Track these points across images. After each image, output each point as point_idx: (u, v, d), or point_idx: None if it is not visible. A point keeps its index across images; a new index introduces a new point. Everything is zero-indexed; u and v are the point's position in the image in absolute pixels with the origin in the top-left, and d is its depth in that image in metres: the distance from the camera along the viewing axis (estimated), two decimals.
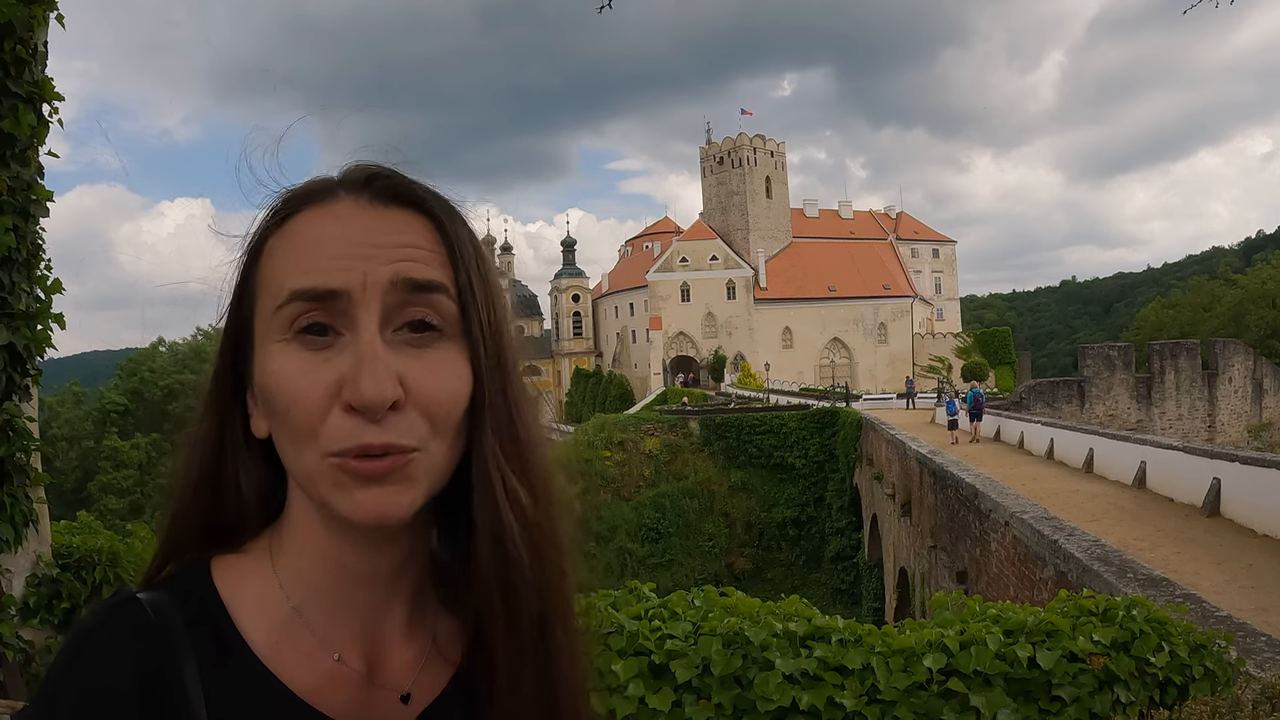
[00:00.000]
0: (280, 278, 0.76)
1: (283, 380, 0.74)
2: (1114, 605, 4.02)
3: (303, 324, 0.74)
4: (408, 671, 0.83)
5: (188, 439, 0.84)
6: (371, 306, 0.74)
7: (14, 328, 3.84)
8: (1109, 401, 37.78)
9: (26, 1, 3.85)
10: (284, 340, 0.75)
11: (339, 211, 0.78)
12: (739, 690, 3.51)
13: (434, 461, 0.76)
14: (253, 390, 0.80)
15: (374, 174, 0.80)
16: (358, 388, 0.71)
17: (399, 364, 0.74)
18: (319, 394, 0.72)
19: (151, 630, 0.73)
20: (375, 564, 0.80)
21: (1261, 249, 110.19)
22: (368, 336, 0.73)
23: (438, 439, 0.75)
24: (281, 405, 0.74)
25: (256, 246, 0.80)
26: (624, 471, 38.72)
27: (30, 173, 3.94)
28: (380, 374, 0.71)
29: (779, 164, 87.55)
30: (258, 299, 0.78)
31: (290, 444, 0.75)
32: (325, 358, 0.73)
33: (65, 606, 4.10)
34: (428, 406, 0.74)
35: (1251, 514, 12.42)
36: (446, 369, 0.76)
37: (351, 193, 0.79)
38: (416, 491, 0.75)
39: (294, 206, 0.79)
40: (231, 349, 0.81)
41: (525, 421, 0.82)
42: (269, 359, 0.75)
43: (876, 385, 71.66)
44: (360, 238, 0.76)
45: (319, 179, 0.82)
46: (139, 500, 56.37)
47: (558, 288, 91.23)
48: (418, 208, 0.80)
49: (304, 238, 0.77)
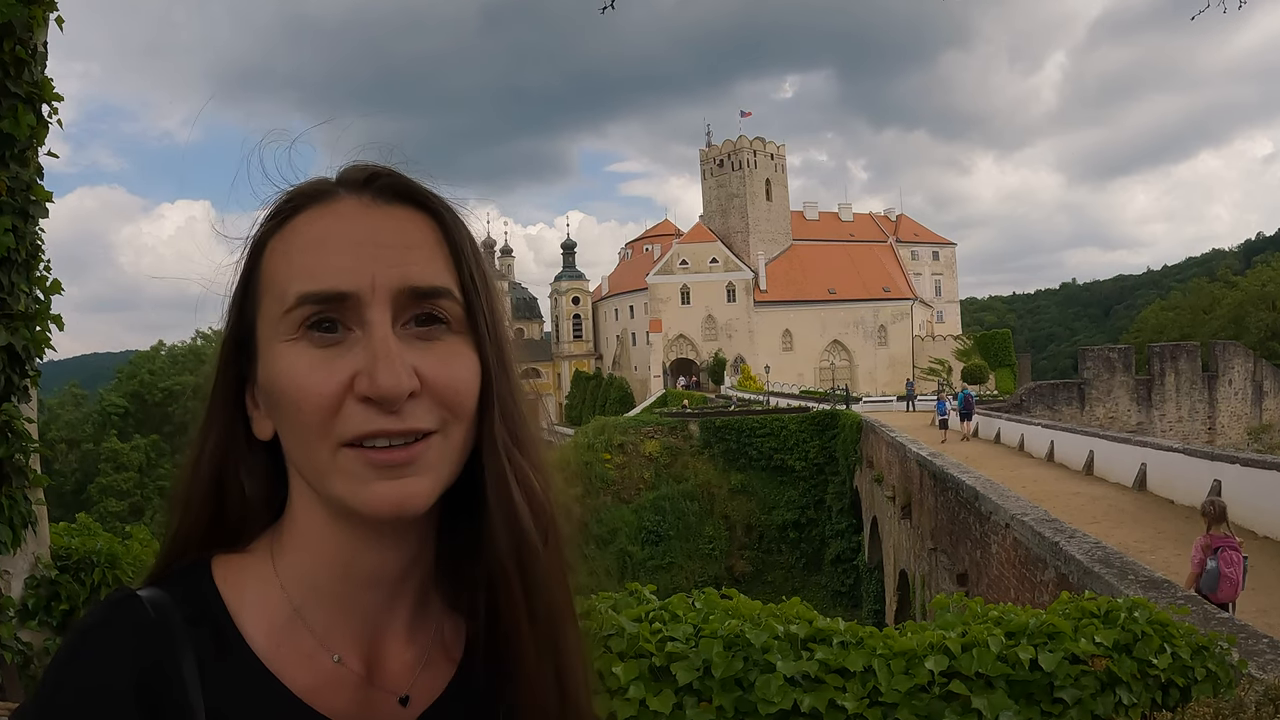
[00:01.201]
0: (285, 280, 0.76)
1: (293, 377, 0.73)
2: (1116, 607, 4.01)
3: (311, 321, 0.74)
4: (408, 673, 0.83)
5: (191, 441, 0.84)
6: (381, 305, 0.74)
7: (13, 329, 3.83)
8: (1109, 404, 37.79)
9: (26, 2, 3.84)
10: (292, 339, 0.74)
11: (341, 210, 0.78)
12: (740, 692, 3.50)
13: (450, 447, 0.76)
14: (254, 392, 0.80)
15: (374, 173, 0.80)
16: (375, 380, 0.71)
17: (412, 356, 0.74)
18: (331, 388, 0.72)
19: (151, 628, 0.72)
20: (383, 564, 0.80)
21: (1261, 251, 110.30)
22: (381, 332, 0.73)
23: (455, 425, 0.76)
24: (292, 401, 0.73)
25: (257, 248, 0.80)
26: (624, 474, 38.70)
27: (30, 173, 3.94)
28: (397, 366, 0.72)
29: (779, 167, 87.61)
30: (261, 300, 0.78)
31: (299, 442, 0.75)
32: (337, 353, 0.73)
33: (64, 608, 4.09)
34: (443, 394, 0.75)
35: (1252, 516, 12.44)
36: (457, 359, 0.77)
37: (352, 191, 0.79)
38: (435, 479, 0.75)
39: (295, 206, 0.79)
40: (234, 351, 0.80)
41: (523, 409, 0.83)
42: (277, 358, 0.75)
43: (876, 388, 71.69)
44: (365, 236, 0.76)
45: (318, 179, 0.81)
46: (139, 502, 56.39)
47: (558, 290, 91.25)
48: (419, 205, 0.80)
49: (307, 238, 0.77)
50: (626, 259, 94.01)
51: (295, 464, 0.78)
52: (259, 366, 0.78)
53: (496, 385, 0.79)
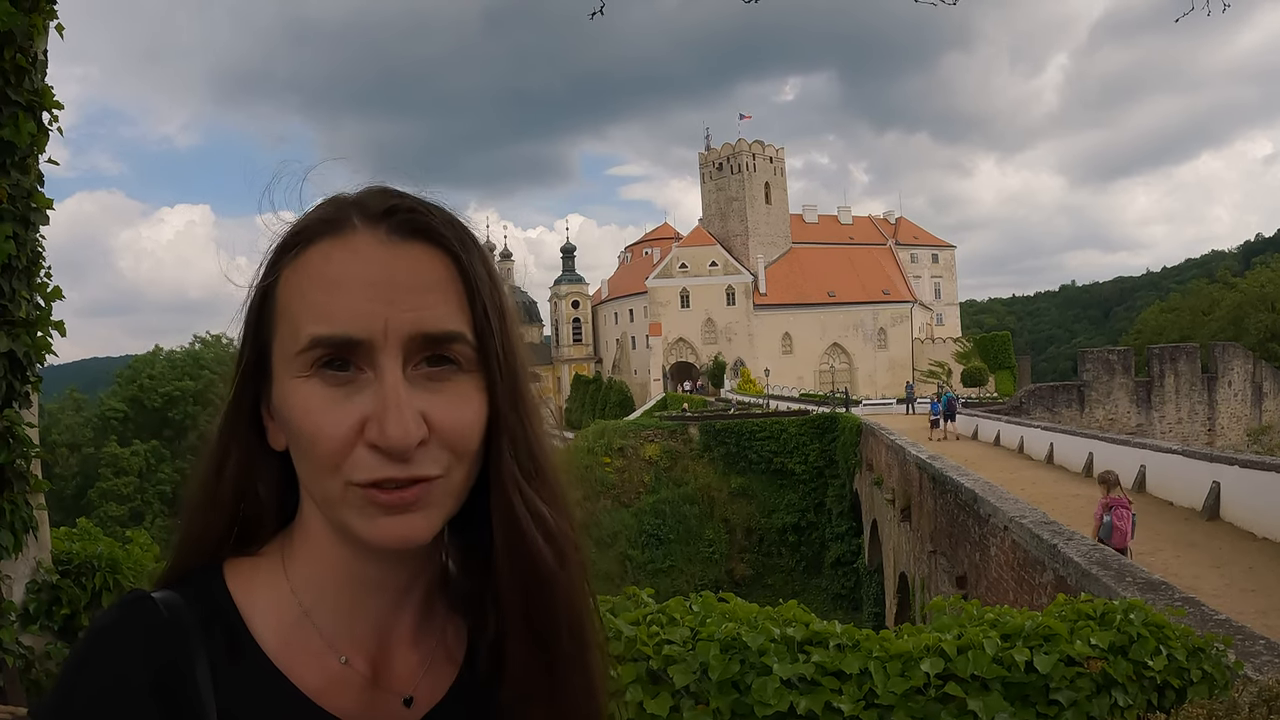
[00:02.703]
0: (299, 318, 0.76)
1: (307, 416, 0.75)
2: (1112, 609, 4.02)
3: (323, 360, 0.75)
4: (412, 675, 0.85)
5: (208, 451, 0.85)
6: (393, 351, 0.75)
7: (14, 335, 3.85)
8: (1109, 406, 37.81)
9: (26, 10, 3.87)
10: (305, 376, 0.76)
11: (357, 245, 0.77)
12: (737, 695, 3.52)
13: (454, 486, 0.78)
14: (269, 406, 0.81)
15: (393, 206, 0.79)
16: (384, 431, 0.73)
17: (421, 401, 0.75)
18: (343, 432, 0.74)
19: (165, 627, 0.75)
20: (389, 575, 0.83)
21: (1261, 252, 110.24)
22: (391, 380, 0.74)
23: (458, 466, 0.78)
24: (306, 440, 0.75)
25: (271, 275, 0.80)
26: (624, 478, 38.70)
27: (30, 180, 3.96)
28: (405, 417, 0.73)
29: (778, 170, 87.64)
30: (276, 330, 0.79)
31: (311, 473, 0.77)
32: (347, 394, 0.75)
33: (65, 613, 4.11)
34: (449, 439, 0.76)
35: (1251, 517, 12.44)
36: (465, 403, 0.78)
37: (368, 225, 0.78)
38: (436, 516, 0.77)
39: (309, 236, 0.79)
40: (251, 372, 0.82)
41: (538, 436, 0.84)
42: (291, 393, 0.76)
43: (876, 390, 71.67)
44: (379, 277, 0.76)
45: (334, 202, 0.81)
46: (139, 506, 56.29)
47: (557, 294, 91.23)
48: (436, 243, 0.79)
49: (322, 275, 0.76)
50: (626, 262, 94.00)
51: (306, 488, 0.80)
52: (274, 390, 0.79)
53: (506, 421, 0.80)
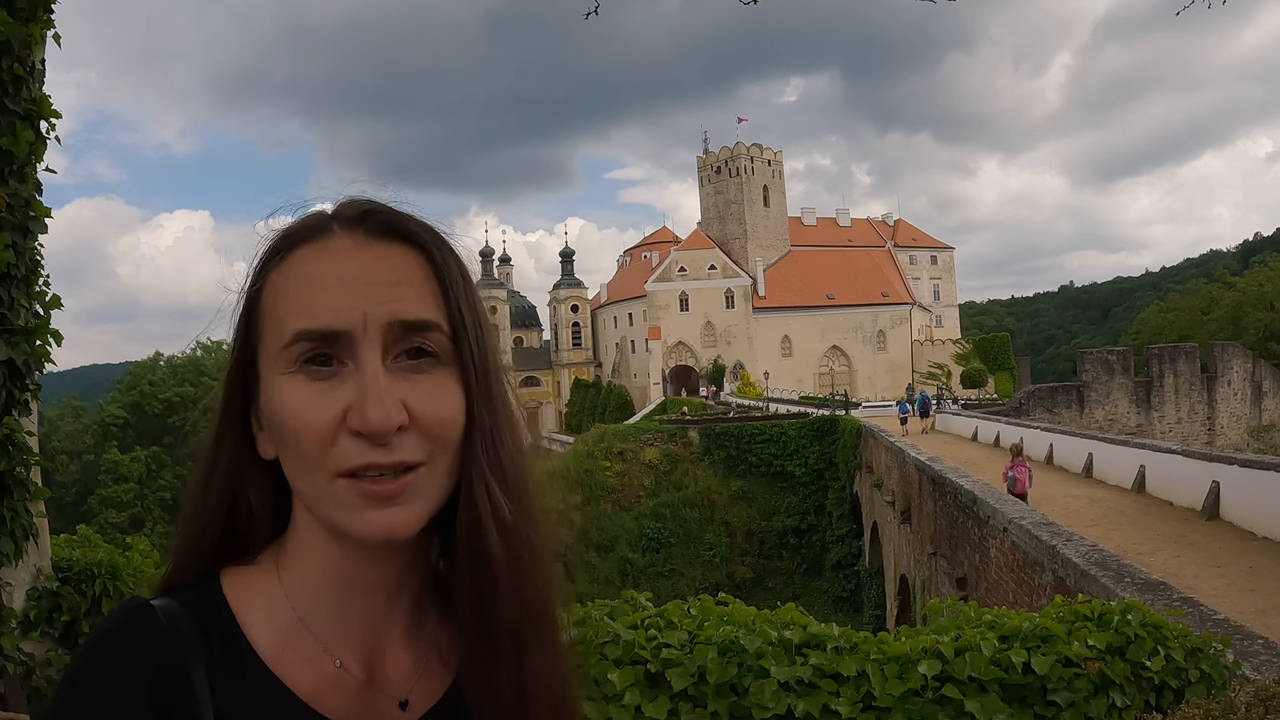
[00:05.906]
0: (283, 316, 0.80)
1: (292, 410, 0.78)
2: (1109, 610, 4.02)
3: (307, 356, 0.79)
4: (406, 678, 0.87)
5: (200, 460, 0.88)
6: (373, 342, 0.78)
7: (13, 343, 3.86)
8: (1108, 406, 37.81)
9: (24, 20, 3.88)
10: (290, 373, 0.79)
11: (335, 247, 0.82)
12: (734, 698, 3.52)
13: (437, 477, 0.81)
14: (258, 415, 0.84)
15: (368, 210, 0.85)
16: (365, 416, 0.76)
17: (401, 390, 0.79)
18: (326, 422, 0.77)
19: (163, 633, 0.77)
20: (378, 575, 0.85)
21: (1259, 252, 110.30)
22: (371, 368, 0.78)
23: (441, 455, 0.81)
24: (292, 433, 0.78)
25: (258, 281, 0.84)
26: (624, 481, 38.63)
27: (28, 189, 3.97)
28: (385, 402, 0.77)
29: (776, 173, 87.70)
30: (262, 332, 0.82)
31: (299, 469, 0.80)
32: (330, 387, 0.78)
33: (65, 620, 4.11)
34: (430, 428, 0.79)
35: (1251, 517, 12.43)
36: (445, 393, 0.81)
37: (346, 228, 0.83)
38: (422, 507, 0.80)
39: (292, 243, 0.83)
40: (239, 377, 0.85)
41: (510, 437, 0.86)
42: (277, 390, 0.80)
43: (876, 393, 71.57)
44: (357, 274, 0.80)
45: (314, 214, 0.86)
46: (139, 513, 56.29)
47: (556, 298, 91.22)
48: (410, 241, 0.84)
49: (303, 275, 0.81)
50: (625, 266, 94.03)
51: (296, 489, 0.82)
52: (261, 394, 0.82)
53: (479, 416, 0.83)
